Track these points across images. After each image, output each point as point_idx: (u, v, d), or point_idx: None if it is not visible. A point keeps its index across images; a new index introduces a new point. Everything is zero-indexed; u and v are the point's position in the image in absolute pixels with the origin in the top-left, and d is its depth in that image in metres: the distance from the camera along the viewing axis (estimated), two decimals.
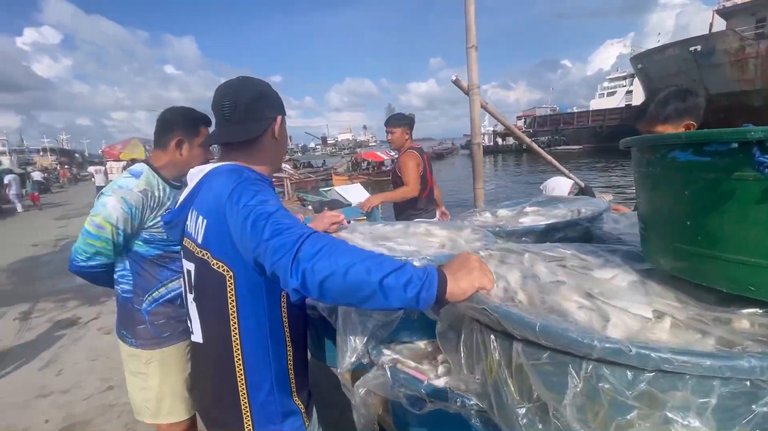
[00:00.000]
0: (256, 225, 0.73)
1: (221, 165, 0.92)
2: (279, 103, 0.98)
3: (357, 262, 0.68)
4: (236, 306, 0.85)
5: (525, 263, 0.90)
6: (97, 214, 1.20)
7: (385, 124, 3.03)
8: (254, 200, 0.77)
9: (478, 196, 3.47)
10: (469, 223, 1.54)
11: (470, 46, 3.25)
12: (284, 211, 0.78)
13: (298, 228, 0.72)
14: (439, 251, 1.12)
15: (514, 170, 25.92)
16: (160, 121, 1.33)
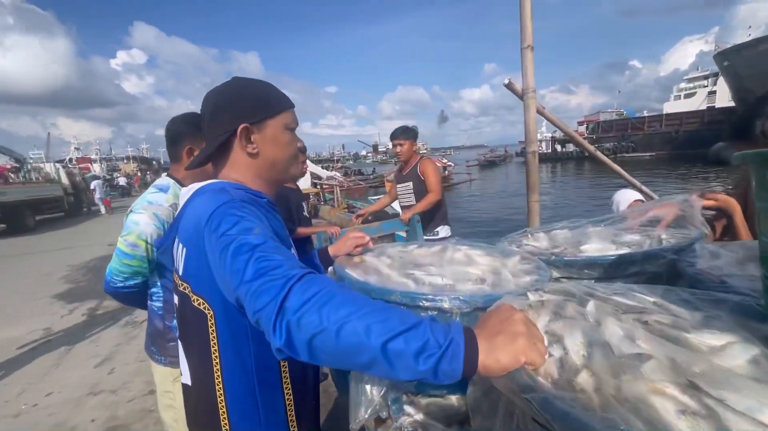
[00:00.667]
0: (236, 260, 0.60)
1: (210, 183, 0.81)
2: (247, 108, 0.80)
3: (354, 318, 0.52)
4: (218, 348, 0.73)
5: (590, 316, 0.68)
6: (130, 232, 1.18)
7: (393, 138, 2.95)
8: (236, 228, 0.65)
9: (533, 210, 3.15)
10: (519, 249, 1.31)
11: (525, 46, 2.98)
12: (273, 242, 0.65)
13: (287, 268, 0.58)
14: (476, 288, 0.92)
15: (575, 180, 24.13)
16: (167, 135, 1.30)
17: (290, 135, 0.85)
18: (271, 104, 0.82)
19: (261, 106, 0.81)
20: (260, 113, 0.81)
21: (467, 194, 20.25)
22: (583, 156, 39.77)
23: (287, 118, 0.84)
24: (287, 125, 0.84)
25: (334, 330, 0.51)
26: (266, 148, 0.82)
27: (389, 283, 0.97)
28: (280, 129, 0.83)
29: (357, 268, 1.07)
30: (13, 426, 2.40)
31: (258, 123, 0.81)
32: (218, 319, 0.72)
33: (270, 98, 0.83)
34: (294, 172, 0.93)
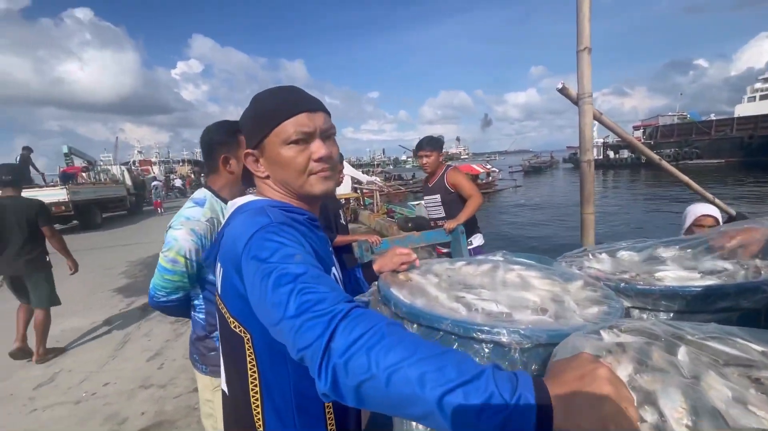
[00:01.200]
0: (276, 291, 0.57)
1: (251, 201, 0.79)
2: (247, 133, 0.79)
3: (407, 365, 0.46)
4: (257, 372, 0.70)
5: (683, 368, 0.57)
6: (170, 248, 1.20)
7: (419, 148, 2.87)
8: (276, 256, 0.61)
9: (587, 223, 2.94)
10: (580, 271, 1.19)
11: (582, 48, 2.79)
12: (315, 270, 0.61)
13: (332, 302, 0.55)
14: (537, 319, 0.83)
15: (630, 190, 22.38)
16: (201, 145, 1.31)
17: (292, 149, 0.74)
18: (264, 121, 0.75)
19: (255, 127, 0.76)
20: (256, 135, 0.76)
21: (512, 202, 19.50)
22: (639, 163, 37.22)
23: (286, 130, 0.73)
24: (286, 138, 0.73)
25: (384, 378, 0.46)
26: (272, 168, 0.78)
27: (438, 307, 0.90)
28: (276, 146, 0.74)
29: (403, 288, 1.01)
30: (73, 413, 2.58)
31: (258, 146, 0.77)
32: (256, 343, 0.69)
33: (263, 115, 0.75)
34: (314, 189, 0.77)
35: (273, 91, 0.78)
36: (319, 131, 0.76)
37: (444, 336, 0.80)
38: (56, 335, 3.98)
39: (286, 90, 0.78)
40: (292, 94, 0.76)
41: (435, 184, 2.86)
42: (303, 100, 0.76)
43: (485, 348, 0.75)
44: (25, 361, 3.42)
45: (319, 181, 0.77)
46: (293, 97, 0.75)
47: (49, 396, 2.83)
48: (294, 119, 0.73)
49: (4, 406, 2.74)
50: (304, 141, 0.74)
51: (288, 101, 0.74)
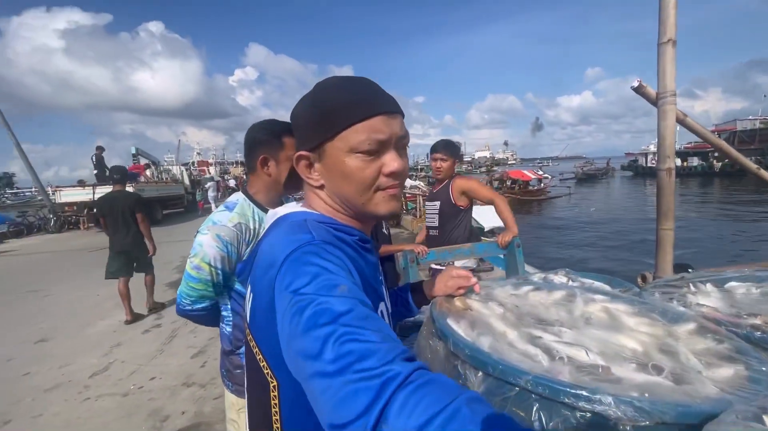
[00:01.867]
0: (310, 334, 0.43)
1: (293, 212, 0.66)
2: (304, 131, 0.64)
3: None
4: (281, 423, 0.57)
5: None
6: (196, 255, 1.12)
7: (434, 151, 2.54)
8: (313, 285, 0.47)
9: (665, 240, 2.57)
10: (687, 308, 0.94)
11: (665, 41, 2.46)
12: (362, 308, 0.47)
13: (384, 356, 0.40)
14: (652, 382, 0.62)
15: (702, 202, 20.21)
16: (244, 143, 1.21)
17: (360, 158, 0.59)
18: (328, 121, 0.59)
19: (315, 126, 0.61)
20: (315, 135, 0.61)
21: (566, 212, 18.33)
22: (711, 172, 33.83)
23: (356, 136, 0.58)
24: (355, 146, 0.58)
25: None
26: (329, 178, 0.63)
27: (509, 351, 0.72)
28: (341, 153, 0.59)
29: (461, 320, 0.84)
30: (121, 405, 2.65)
31: (316, 149, 0.62)
32: (283, 394, 0.55)
33: (329, 112, 0.59)
34: (379, 209, 0.63)
35: (342, 83, 0.62)
36: (395, 139, 0.61)
37: (521, 394, 0.62)
38: (114, 325, 4.21)
39: (360, 83, 0.62)
40: (368, 89, 0.61)
41: (439, 191, 2.61)
42: (380, 98, 0.60)
43: (579, 419, 0.56)
44: (122, 325, 4.28)
45: (387, 199, 0.63)
46: (369, 94, 0.60)
47: (102, 385, 2.95)
48: (368, 123, 0.58)
49: (62, 392, 2.89)
50: (376, 150, 0.59)
51: (362, 99, 0.59)
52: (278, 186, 1.21)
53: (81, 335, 4.00)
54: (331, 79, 0.64)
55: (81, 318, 4.48)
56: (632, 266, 5.91)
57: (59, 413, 2.61)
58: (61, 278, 6.46)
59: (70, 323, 4.36)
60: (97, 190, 11.86)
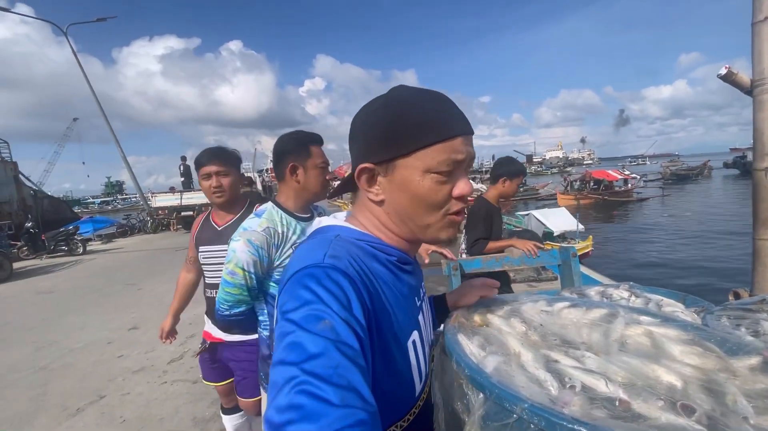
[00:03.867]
0: (276, 368, 0.43)
1: (330, 225, 0.66)
2: (373, 142, 0.60)
3: None
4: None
5: None
6: (230, 261, 1.20)
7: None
8: (300, 313, 0.47)
9: (762, 253, 2.20)
10: (756, 338, 0.79)
11: (762, 18, 2.11)
12: (335, 354, 0.43)
13: (327, 426, 0.37)
14: (679, 424, 0.53)
15: None
16: (273, 154, 1.28)
17: (434, 179, 0.57)
18: (405, 136, 0.56)
19: (387, 140, 0.58)
20: (386, 149, 0.58)
21: (656, 217, 16.39)
22: None
23: (435, 156, 0.56)
24: (432, 167, 0.56)
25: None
26: (393, 195, 0.60)
27: (517, 374, 0.66)
28: (414, 172, 0.57)
29: (475, 336, 0.80)
30: (190, 391, 2.94)
31: (386, 163, 0.59)
32: None
33: (406, 128, 0.56)
34: (441, 234, 0.62)
35: (421, 97, 0.58)
36: (468, 161, 0.59)
37: (519, 421, 0.57)
38: (190, 318, 4.69)
39: (439, 99, 0.59)
40: (447, 107, 0.59)
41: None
42: (460, 118, 0.59)
43: None
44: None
45: (451, 224, 0.62)
46: (450, 113, 0.58)
47: (177, 372, 3.30)
48: (449, 143, 0.56)
49: (146, 374, 3.29)
50: (450, 172, 0.58)
51: (445, 118, 0.57)
52: (306, 193, 1.27)
53: None
54: (408, 90, 0.61)
55: (165, 310, 5.03)
56: (729, 284, 5.11)
57: (142, 393, 2.98)
58: (152, 273, 7.37)
59: (156, 313, 4.95)
60: (184, 195, 13.36)
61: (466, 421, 0.66)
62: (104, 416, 2.72)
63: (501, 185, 2.44)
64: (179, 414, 2.66)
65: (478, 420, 0.63)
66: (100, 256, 10.39)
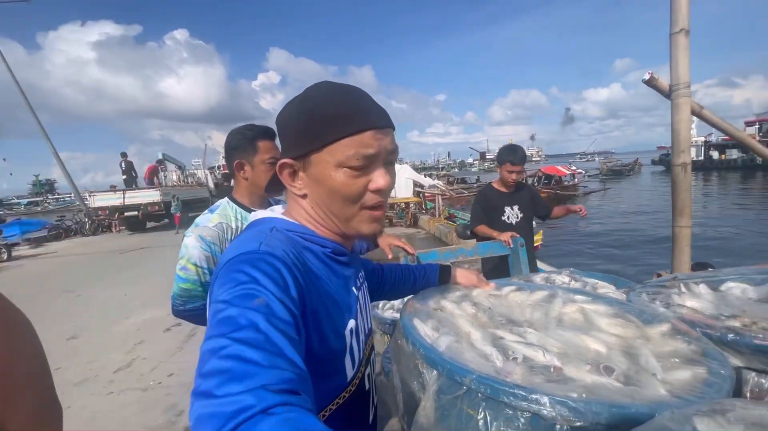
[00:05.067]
0: (206, 342, 0.42)
1: (266, 218, 0.66)
2: (291, 137, 0.62)
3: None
4: None
5: None
6: (182, 256, 1.18)
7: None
8: (233, 292, 0.46)
9: (681, 239, 2.47)
10: (667, 309, 0.92)
11: (678, 30, 2.37)
12: (269, 325, 0.43)
13: (255, 382, 0.36)
14: (597, 383, 0.61)
15: (740, 198, 18.92)
16: (224, 149, 1.28)
17: (347, 173, 0.58)
18: (316, 131, 0.57)
19: (301, 135, 0.59)
20: (301, 145, 0.59)
21: (600, 208, 17.70)
22: (754, 164, 31.85)
23: (344, 150, 0.56)
24: (344, 161, 0.57)
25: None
26: (313, 189, 0.61)
27: (467, 351, 0.73)
28: (327, 166, 0.58)
29: (429, 320, 0.85)
30: (141, 400, 2.79)
31: (303, 158, 0.60)
32: None
33: (317, 123, 0.57)
34: (362, 228, 0.62)
35: (334, 92, 0.60)
36: (384, 155, 0.59)
37: (468, 393, 0.63)
38: (138, 323, 4.42)
39: (352, 94, 0.60)
40: (360, 101, 0.59)
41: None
42: (372, 112, 0.59)
43: (520, 418, 0.57)
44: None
45: (370, 218, 0.62)
46: (361, 107, 0.58)
47: (125, 381, 3.11)
48: (358, 137, 0.56)
49: (89, 386, 3.07)
50: (364, 166, 0.58)
51: (354, 112, 0.57)
52: (257, 188, 1.26)
53: (108, 333, 4.23)
54: (323, 86, 0.62)
55: (109, 317, 4.73)
56: (655, 264, 5.67)
57: (86, 406, 2.78)
58: (93, 279, 6.82)
59: (98, 322, 4.61)
60: (127, 194, 12.45)
61: (422, 400, 0.72)
62: None
63: (498, 171, 2.67)
64: (128, 424, 2.52)
65: (433, 394, 0.68)
66: (29, 262, 9.43)
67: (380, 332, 1.88)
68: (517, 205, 2.61)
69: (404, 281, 1.00)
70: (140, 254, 9.16)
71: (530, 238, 2.60)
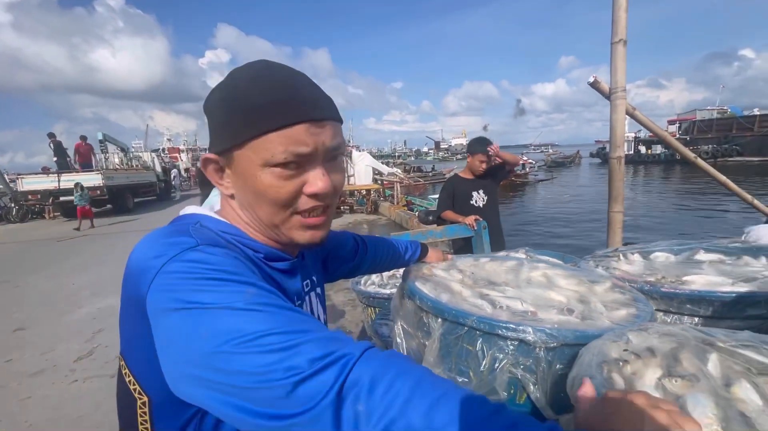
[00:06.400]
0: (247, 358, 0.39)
1: (196, 215, 0.58)
2: (216, 130, 0.54)
3: (443, 410, 0.35)
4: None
5: (714, 376, 0.57)
6: None
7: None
8: (221, 293, 0.41)
9: (614, 222, 2.87)
10: (608, 272, 1.17)
11: (617, 40, 2.71)
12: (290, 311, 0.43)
13: (336, 344, 0.40)
14: (564, 319, 0.83)
15: (662, 187, 21.48)
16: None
17: (275, 173, 0.49)
18: (236, 123, 0.49)
19: (223, 127, 0.51)
20: (222, 138, 0.51)
21: (533, 198, 19.12)
22: (674, 159, 35.54)
23: (269, 147, 0.48)
24: (268, 159, 0.48)
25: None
26: (239, 190, 0.53)
27: (463, 303, 0.92)
28: (251, 164, 0.50)
29: (427, 283, 1.03)
30: (109, 385, 2.74)
31: (226, 153, 0.52)
32: (155, 408, 0.47)
33: (243, 115, 0.49)
34: (296, 236, 0.55)
35: (260, 76, 0.50)
36: (322, 152, 0.51)
37: (469, 332, 0.82)
38: (93, 313, 4.22)
39: (283, 78, 0.50)
40: (291, 88, 0.50)
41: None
42: (306, 102, 0.50)
43: (510, 345, 0.77)
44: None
45: (305, 227, 0.54)
46: (292, 95, 0.49)
47: (88, 369, 3.02)
48: (286, 132, 0.48)
49: (48, 376, 2.94)
50: (297, 165, 0.50)
51: (282, 101, 0.48)
52: None
53: (60, 323, 4.00)
54: (248, 69, 0.52)
55: (58, 307, 4.45)
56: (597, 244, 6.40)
57: (49, 395, 2.69)
58: (31, 269, 6.30)
59: (46, 312, 4.34)
60: (63, 177, 11.39)
61: (427, 344, 0.90)
62: (1, 424, 2.41)
63: (468, 160, 2.91)
64: (101, 409, 2.48)
65: (439, 337, 0.87)
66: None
67: (363, 305, 2.05)
68: (482, 189, 2.88)
69: (386, 256, 1.08)
70: (81, 242, 8.52)
71: (496, 216, 2.89)
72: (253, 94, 0.49)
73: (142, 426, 0.49)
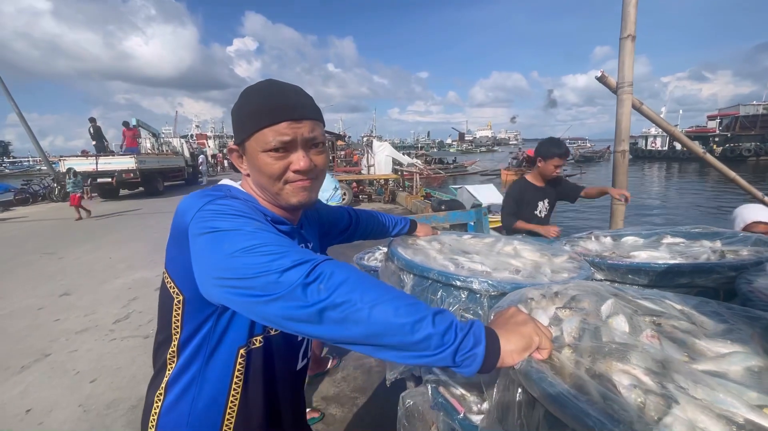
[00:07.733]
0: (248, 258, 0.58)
1: (226, 185, 0.82)
2: (234, 128, 0.78)
3: (385, 300, 0.55)
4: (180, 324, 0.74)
5: (603, 311, 0.74)
6: None
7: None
8: (232, 222, 0.63)
9: (616, 213, 2.96)
10: (570, 249, 1.33)
11: (626, 36, 2.77)
12: (277, 237, 0.62)
13: (307, 256, 0.58)
14: (509, 276, 1.01)
15: (695, 186, 20.59)
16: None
17: (270, 156, 0.72)
18: (245, 123, 0.74)
19: (238, 126, 0.76)
20: (239, 133, 0.76)
21: None
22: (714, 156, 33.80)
23: (264, 138, 0.71)
24: (265, 146, 0.71)
25: (366, 309, 0.53)
26: (251, 170, 0.77)
27: (432, 263, 1.11)
28: (255, 151, 0.73)
29: (408, 249, 1.23)
30: (143, 344, 3.10)
31: (242, 144, 0.76)
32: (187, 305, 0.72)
33: (245, 116, 0.74)
34: (290, 198, 0.76)
35: (258, 91, 0.75)
36: (301, 141, 0.73)
37: (432, 284, 1.02)
38: (129, 283, 4.64)
39: (276, 92, 0.74)
40: (279, 98, 0.73)
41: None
42: (286, 107, 0.72)
43: (462, 294, 0.96)
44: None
45: (295, 191, 0.76)
46: (279, 103, 0.72)
47: (125, 330, 3.39)
48: (274, 128, 0.71)
49: (92, 334, 3.33)
50: (284, 149, 0.72)
51: (271, 107, 0.71)
52: None
53: (100, 290, 4.43)
54: (258, 85, 0.77)
55: (97, 277, 4.91)
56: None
57: (92, 349, 3.06)
58: (73, 243, 6.86)
59: (88, 281, 4.79)
60: (101, 160, 12.13)
61: None
62: (54, 370, 2.79)
63: (539, 165, 2.60)
64: (136, 363, 2.83)
65: (410, 289, 1.07)
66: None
67: None
68: (548, 199, 2.66)
69: (375, 228, 1.24)
70: (117, 220, 9.14)
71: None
72: (256, 102, 0.73)
73: (175, 319, 0.73)
